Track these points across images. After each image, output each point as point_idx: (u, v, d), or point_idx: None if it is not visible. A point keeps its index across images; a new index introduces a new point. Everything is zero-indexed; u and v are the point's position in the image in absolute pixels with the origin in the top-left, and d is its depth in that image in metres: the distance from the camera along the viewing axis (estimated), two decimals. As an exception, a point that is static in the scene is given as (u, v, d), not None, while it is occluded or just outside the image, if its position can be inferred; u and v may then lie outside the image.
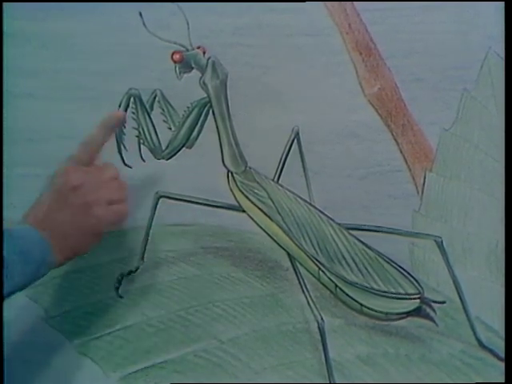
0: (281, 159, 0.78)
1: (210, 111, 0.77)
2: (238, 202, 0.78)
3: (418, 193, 0.77)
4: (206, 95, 0.77)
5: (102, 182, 0.67)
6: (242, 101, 0.78)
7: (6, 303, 0.68)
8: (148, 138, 0.78)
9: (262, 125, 0.78)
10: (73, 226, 0.64)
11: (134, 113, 0.78)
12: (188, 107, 0.77)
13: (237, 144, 0.77)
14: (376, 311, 0.73)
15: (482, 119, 0.78)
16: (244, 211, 0.77)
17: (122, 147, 0.79)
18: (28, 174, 0.78)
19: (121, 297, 0.77)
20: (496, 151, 0.77)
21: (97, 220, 0.65)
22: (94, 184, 0.66)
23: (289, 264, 0.76)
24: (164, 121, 0.79)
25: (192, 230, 0.78)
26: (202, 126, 0.78)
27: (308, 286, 0.75)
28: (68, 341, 0.76)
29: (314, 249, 0.74)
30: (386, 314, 0.73)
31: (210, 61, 0.76)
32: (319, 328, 0.74)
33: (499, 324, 0.74)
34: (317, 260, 0.74)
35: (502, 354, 0.74)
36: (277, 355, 0.75)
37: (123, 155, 0.79)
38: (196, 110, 0.77)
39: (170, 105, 0.78)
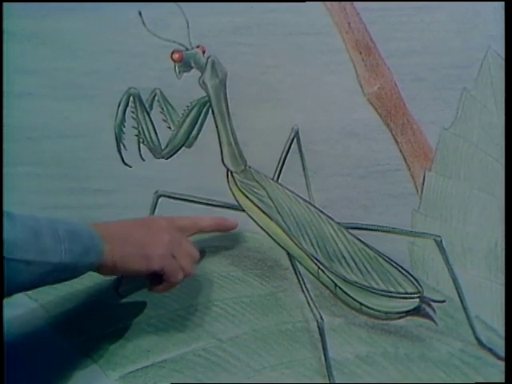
0: (280, 158, 0.78)
1: (210, 110, 0.77)
2: (237, 201, 0.78)
3: (417, 192, 0.77)
4: (205, 94, 0.77)
5: (183, 246, 0.69)
6: (242, 100, 0.78)
7: (7, 303, 0.68)
8: (147, 137, 0.78)
9: (262, 124, 0.78)
10: (136, 240, 0.65)
11: (133, 112, 0.78)
12: (187, 106, 0.77)
13: (236, 143, 0.77)
14: (375, 310, 0.73)
15: (481, 118, 0.78)
16: (243, 210, 0.77)
17: (122, 146, 0.79)
18: (28, 172, 0.78)
19: (121, 296, 0.77)
20: (496, 150, 0.77)
21: (157, 254, 0.66)
22: (178, 239, 0.69)
23: (288, 263, 0.76)
24: (163, 120, 0.79)
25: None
26: (201, 125, 0.78)
27: (307, 285, 0.75)
28: (68, 340, 0.76)
29: (314, 248, 0.74)
30: (386, 313, 0.73)
31: (209, 60, 0.76)
32: (319, 327, 0.74)
33: (499, 323, 0.74)
34: (316, 259, 0.74)
35: (502, 354, 0.74)
36: (276, 354, 0.75)
37: (123, 154, 0.79)
38: (195, 109, 0.77)
39: (170, 104, 0.78)
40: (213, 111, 0.77)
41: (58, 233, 0.58)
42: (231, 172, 0.77)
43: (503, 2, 0.77)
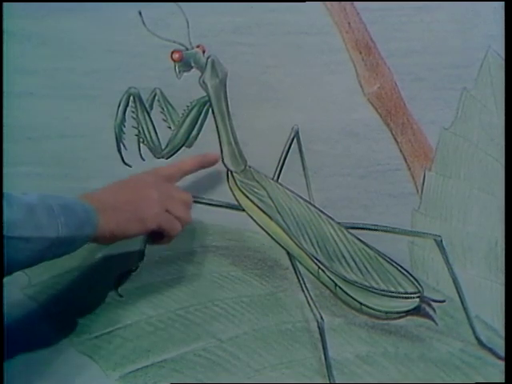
0: (280, 158, 0.78)
1: (210, 110, 0.77)
2: (237, 200, 0.78)
3: (417, 192, 0.77)
4: (205, 94, 0.77)
5: (174, 196, 0.70)
6: (242, 100, 0.78)
7: (7, 303, 0.69)
8: (148, 137, 0.78)
9: (262, 124, 0.78)
10: (128, 204, 0.66)
11: (133, 112, 0.78)
12: (188, 106, 0.77)
13: (236, 143, 0.77)
14: (376, 310, 0.73)
15: (481, 118, 0.78)
16: (243, 210, 0.78)
17: (122, 146, 0.79)
18: (28, 172, 0.78)
19: (120, 296, 0.77)
20: (496, 150, 0.77)
21: (151, 214, 0.67)
22: (167, 192, 0.69)
23: (288, 263, 0.76)
24: (164, 120, 0.79)
25: (191, 228, 0.77)
26: (201, 125, 0.78)
27: (308, 285, 0.75)
28: (68, 340, 0.76)
29: (314, 248, 0.74)
30: (386, 312, 0.73)
31: (209, 60, 0.76)
32: (319, 327, 0.74)
33: (499, 323, 0.74)
34: (316, 259, 0.74)
35: (502, 353, 0.74)
36: (276, 354, 0.75)
37: (123, 154, 0.79)
38: (195, 109, 0.77)
39: (170, 104, 0.78)
40: (213, 111, 0.77)
41: (53, 208, 0.59)
42: (231, 172, 0.77)
43: (503, 2, 0.77)
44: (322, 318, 0.74)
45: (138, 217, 0.66)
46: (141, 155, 0.79)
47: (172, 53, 0.75)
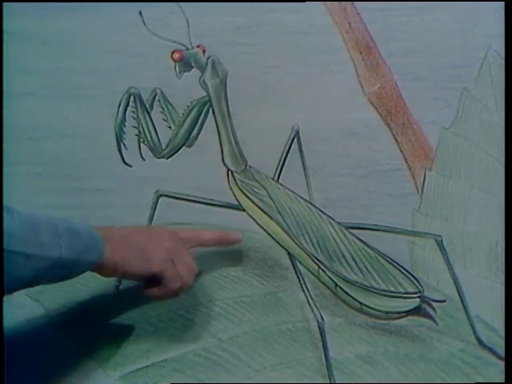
0: (281, 158, 0.78)
1: (210, 110, 0.77)
2: (237, 200, 0.78)
3: (417, 191, 0.77)
4: (205, 94, 0.77)
5: (182, 256, 0.69)
6: (242, 100, 0.78)
7: (7, 303, 0.68)
8: (148, 136, 0.78)
9: (262, 124, 0.78)
10: (137, 243, 0.66)
11: (133, 112, 0.78)
12: (188, 106, 0.77)
13: (237, 143, 0.77)
14: (376, 310, 0.73)
15: (481, 118, 0.78)
16: (244, 210, 0.78)
17: (122, 146, 0.79)
18: (28, 172, 0.78)
19: (121, 296, 0.77)
20: (496, 150, 0.77)
21: (157, 257, 0.66)
22: (178, 248, 0.69)
23: (289, 263, 0.76)
24: (164, 120, 0.79)
25: (192, 229, 0.77)
26: (201, 124, 0.78)
27: (308, 285, 0.75)
28: (68, 340, 0.76)
29: (314, 247, 0.74)
30: (386, 312, 0.73)
31: (209, 60, 0.76)
32: (319, 327, 0.74)
33: (499, 323, 0.74)
34: (317, 259, 0.74)
35: (502, 353, 0.74)
36: (277, 354, 0.75)
37: (123, 154, 0.79)
38: (196, 109, 0.77)
39: (170, 104, 0.78)
40: (213, 111, 0.77)
41: (58, 229, 0.58)
42: (232, 172, 0.77)
43: (503, 2, 0.77)
44: (322, 317, 0.74)
45: (144, 257, 0.65)
46: (141, 155, 0.79)
47: (172, 53, 0.75)
